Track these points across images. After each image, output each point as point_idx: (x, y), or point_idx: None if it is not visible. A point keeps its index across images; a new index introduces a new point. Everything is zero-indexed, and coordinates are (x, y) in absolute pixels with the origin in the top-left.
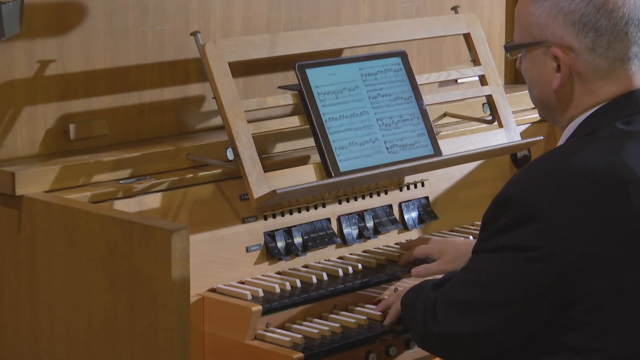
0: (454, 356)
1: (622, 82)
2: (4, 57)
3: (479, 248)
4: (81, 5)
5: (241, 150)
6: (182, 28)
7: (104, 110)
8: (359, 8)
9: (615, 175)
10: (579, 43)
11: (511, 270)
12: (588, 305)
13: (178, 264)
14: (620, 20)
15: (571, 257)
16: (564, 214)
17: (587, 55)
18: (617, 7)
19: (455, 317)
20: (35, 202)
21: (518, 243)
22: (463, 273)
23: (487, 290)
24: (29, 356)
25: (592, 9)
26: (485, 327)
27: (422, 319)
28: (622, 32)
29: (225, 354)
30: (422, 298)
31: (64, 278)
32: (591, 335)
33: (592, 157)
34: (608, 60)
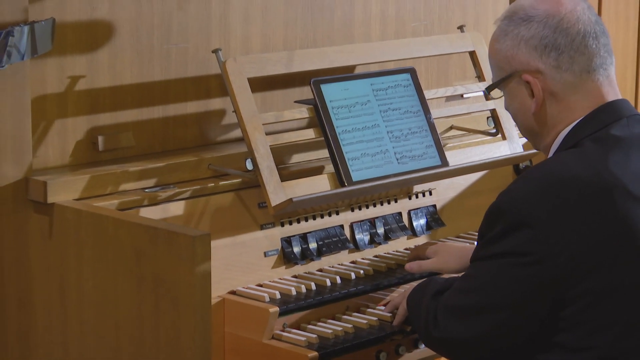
0: (456, 357)
1: (593, 94)
2: (36, 73)
3: (476, 257)
4: (109, 24)
5: (259, 160)
6: (204, 46)
7: (130, 123)
8: (371, 27)
9: (600, 183)
10: (544, 64)
11: (506, 275)
12: (579, 306)
13: (200, 267)
14: (577, 35)
15: (562, 260)
16: (553, 220)
17: (555, 74)
18: (571, 24)
19: (455, 322)
20: (65, 210)
21: (512, 249)
22: (462, 281)
23: (484, 296)
24: (60, 355)
25: (549, 31)
26: (484, 331)
27: (425, 324)
28: (581, 46)
29: (244, 353)
30: (424, 304)
31: (92, 281)
32: (582, 335)
33: (577, 166)
34: (574, 74)
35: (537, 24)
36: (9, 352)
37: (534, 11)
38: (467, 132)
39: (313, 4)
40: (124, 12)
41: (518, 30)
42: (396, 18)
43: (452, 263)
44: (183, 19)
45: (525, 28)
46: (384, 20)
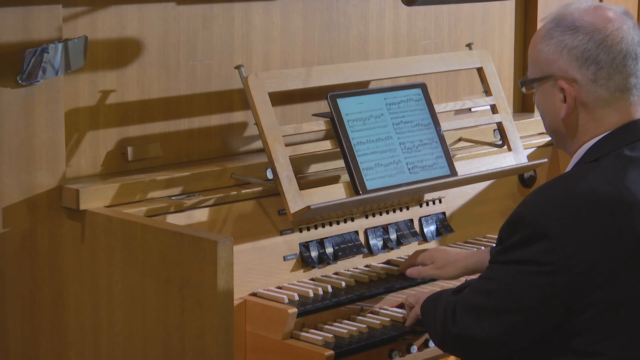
0: (470, 356)
1: (623, 111)
2: (70, 88)
3: (495, 260)
4: (138, 41)
5: (279, 170)
6: (227, 62)
7: (158, 134)
8: (384, 45)
9: (618, 199)
10: (582, 75)
11: (523, 281)
12: (591, 313)
13: (223, 271)
14: (619, 54)
15: (577, 271)
16: (571, 233)
17: (590, 87)
18: (615, 42)
19: (472, 320)
20: (97, 216)
21: (530, 258)
22: (480, 281)
23: (501, 298)
24: (91, 353)
25: (593, 45)
26: (498, 331)
27: (443, 321)
28: (620, 65)
29: (264, 351)
30: (442, 303)
31: (121, 283)
32: (594, 340)
33: (597, 182)
34: (609, 90)
35: (582, 36)
36: (42, 351)
37: (582, 22)
38: (475, 143)
39: (330, 23)
40: (152, 31)
41: (563, 37)
42: (408, 36)
43: (449, 269)
44: (208, 37)
45: (571, 37)
46: (396, 38)
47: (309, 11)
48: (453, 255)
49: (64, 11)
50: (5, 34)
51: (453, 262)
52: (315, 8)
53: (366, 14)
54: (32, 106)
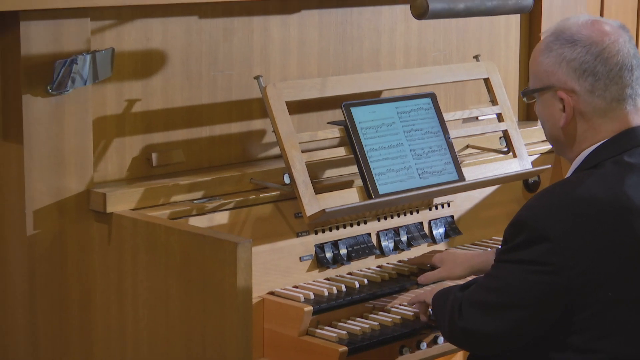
0: (475, 349)
1: (619, 120)
2: (97, 97)
3: (500, 259)
4: (162, 53)
5: (296, 175)
6: (246, 73)
7: (181, 141)
8: (396, 57)
9: (616, 204)
10: (580, 86)
11: (526, 280)
12: (590, 312)
13: (242, 271)
14: (615, 66)
15: (576, 272)
16: (570, 235)
17: (588, 97)
18: (612, 55)
19: (477, 315)
20: (122, 219)
21: (532, 258)
22: (486, 279)
23: (504, 295)
24: (117, 349)
25: (590, 57)
26: (501, 326)
27: (450, 316)
28: (616, 77)
29: (281, 347)
30: (450, 298)
31: (146, 283)
32: (593, 338)
33: (595, 187)
34: (605, 100)
35: (580, 48)
36: (71, 346)
37: (580, 35)
38: (482, 150)
39: (344, 36)
40: (175, 43)
41: (562, 50)
42: (418, 49)
43: (457, 270)
44: (228, 49)
45: (570, 50)
46: (407, 50)
47: (324, 24)
48: (461, 257)
49: (92, 24)
50: (36, 46)
51: (460, 263)
52: (330, 21)
53: (378, 27)
54: (62, 114)
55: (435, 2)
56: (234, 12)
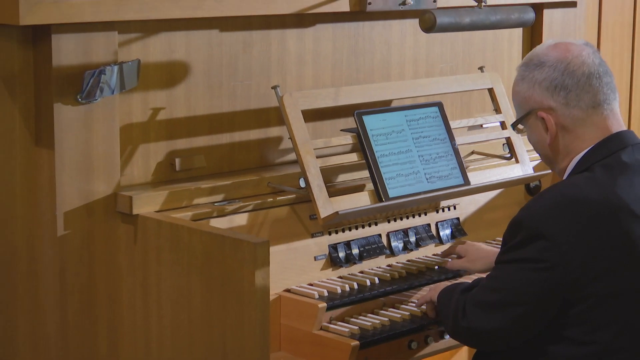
0: (479, 346)
1: (599, 126)
2: (124, 105)
3: (500, 260)
4: (185, 64)
5: (311, 179)
6: (264, 83)
7: (202, 147)
8: (405, 68)
9: (606, 203)
10: (555, 102)
11: (524, 277)
12: (584, 306)
13: (260, 269)
14: (582, 76)
15: (571, 268)
16: (565, 234)
17: (565, 110)
18: (577, 67)
19: (480, 314)
20: (148, 220)
21: (529, 256)
22: (487, 280)
23: (505, 294)
24: (142, 343)
25: (558, 73)
26: (503, 323)
27: (454, 316)
28: (586, 85)
29: (297, 342)
30: (454, 299)
31: (170, 281)
32: (587, 331)
33: (588, 189)
34: (581, 109)
35: (548, 68)
36: (99, 340)
37: (546, 57)
38: (486, 156)
39: (356, 48)
40: (197, 55)
41: (533, 74)
42: (426, 60)
43: (478, 264)
44: (247, 60)
45: (539, 72)
46: (416, 62)
47: (337, 38)
48: (483, 252)
49: (119, 37)
50: (67, 57)
51: (483, 258)
52: (344, 35)
53: (389, 40)
54: (91, 122)
55: (442, 17)
56: (253, 25)
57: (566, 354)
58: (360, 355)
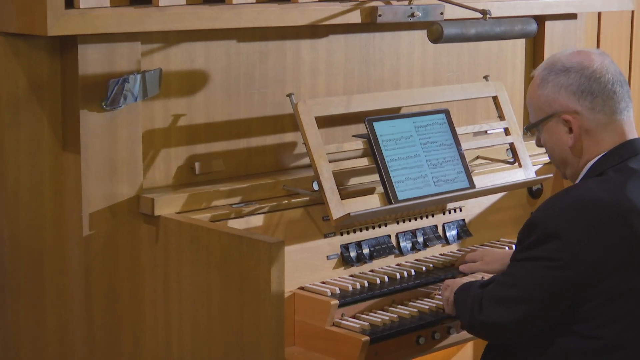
0: (492, 339)
1: (617, 131)
2: (146, 112)
3: (515, 258)
4: (205, 73)
5: (324, 182)
6: (280, 91)
7: (221, 152)
8: (413, 77)
9: (618, 206)
10: (581, 106)
11: (538, 275)
12: (594, 303)
13: (275, 268)
14: (608, 83)
15: (583, 267)
16: (577, 234)
17: (589, 114)
18: (602, 74)
19: (495, 308)
20: (169, 221)
21: (543, 255)
22: (503, 276)
23: (519, 290)
24: (163, 338)
25: (585, 79)
26: (517, 318)
27: (471, 310)
28: (611, 92)
29: (310, 337)
30: (471, 294)
31: (190, 278)
32: (596, 326)
33: (600, 192)
34: (605, 114)
35: (574, 74)
36: (123, 334)
37: (571, 63)
38: (490, 161)
39: (367, 58)
40: (216, 64)
41: (558, 79)
42: (434, 69)
43: (495, 265)
44: (263, 69)
45: (564, 77)
46: (423, 71)
47: (349, 48)
48: (499, 254)
49: (142, 47)
50: (92, 66)
51: (499, 259)
52: (355, 45)
53: (398, 50)
54: (115, 127)
55: (449, 28)
56: (269, 36)
57: (574, 347)
58: (371, 350)
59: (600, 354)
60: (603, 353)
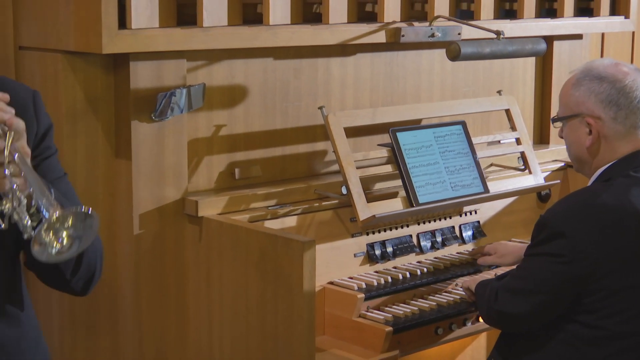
0: (507, 328)
1: (633, 143)
2: (191, 123)
3: (527, 253)
4: (244, 87)
5: (352, 187)
6: (312, 104)
7: (259, 159)
8: (433, 91)
9: (620, 209)
10: (605, 114)
11: (546, 269)
12: (596, 297)
13: (308, 265)
14: (635, 99)
15: (586, 263)
16: (582, 234)
17: (611, 123)
18: (632, 90)
19: (508, 298)
20: (211, 221)
21: (550, 251)
22: (516, 270)
23: (530, 283)
24: (205, 327)
25: (615, 92)
26: (527, 307)
27: (488, 301)
28: (636, 108)
29: (338, 327)
30: (489, 286)
31: (229, 274)
32: (598, 317)
33: (605, 196)
34: (625, 127)
35: (607, 84)
36: (169, 325)
37: (606, 73)
38: (503, 168)
39: (391, 74)
40: (254, 79)
41: (591, 84)
42: (452, 85)
43: (508, 258)
44: (297, 84)
45: (597, 85)
46: (442, 86)
47: (375, 65)
48: (511, 248)
49: (187, 64)
50: (143, 81)
51: (511, 253)
52: (380, 62)
53: (419, 67)
54: (163, 137)
55: (466, 47)
56: (302, 54)
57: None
58: (394, 339)
59: (602, 342)
60: (605, 341)
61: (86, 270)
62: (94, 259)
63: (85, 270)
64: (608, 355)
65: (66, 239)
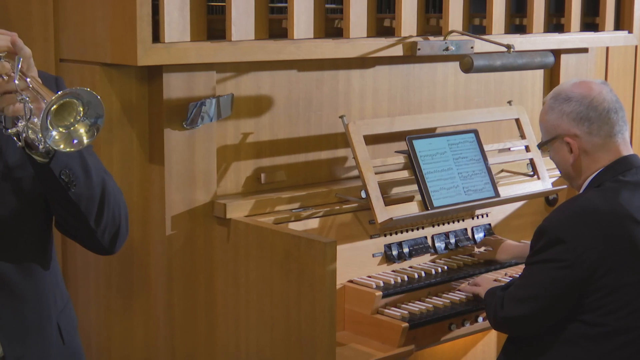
0: (514, 332)
1: (613, 151)
2: (220, 131)
3: (528, 262)
4: (270, 98)
5: (370, 191)
6: (333, 113)
7: (283, 165)
8: (447, 101)
9: (613, 212)
10: (580, 130)
11: (548, 275)
12: (596, 296)
13: (329, 264)
14: (603, 110)
15: (586, 265)
16: (580, 238)
17: (587, 137)
18: (599, 102)
19: (513, 306)
20: (238, 223)
21: (551, 257)
22: (520, 278)
23: (534, 289)
24: (233, 322)
25: (583, 108)
26: (532, 312)
27: (494, 309)
28: (606, 118)
29: (358, 323)
30: (495, 296)
31: (255, 272)
32: (599, 315)
33: (598, 201)
34: (601, 137)
35: (575, 102)
36: (198, 319)
37: (572, 93)
38: (513, 174)
39: (408, 86)
40: (280, 90)
41: (561, 106)
42: (465, 95)
43: (502, 255)
44: (319, 95)
45: (567, 105)
46: (456, 96)
47: (393, 77)
48: (506, 246)
49: (217, 76)
50: (175, 92)
51: (505, 251)
52: (398, 74)
53: (434, 78)
54: (193, 143)
55: (478, 60)
56: (324, 67)
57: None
58: (409, 335)
59: (605, 338)
60: (606, 337)
61: (110, 220)
62: (117, 210)
63: (110, 220)
64: (611, 350)
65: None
